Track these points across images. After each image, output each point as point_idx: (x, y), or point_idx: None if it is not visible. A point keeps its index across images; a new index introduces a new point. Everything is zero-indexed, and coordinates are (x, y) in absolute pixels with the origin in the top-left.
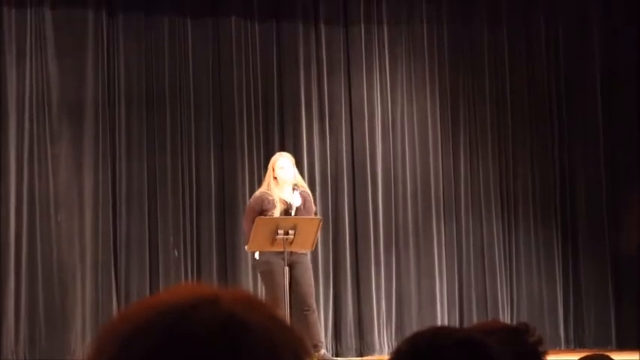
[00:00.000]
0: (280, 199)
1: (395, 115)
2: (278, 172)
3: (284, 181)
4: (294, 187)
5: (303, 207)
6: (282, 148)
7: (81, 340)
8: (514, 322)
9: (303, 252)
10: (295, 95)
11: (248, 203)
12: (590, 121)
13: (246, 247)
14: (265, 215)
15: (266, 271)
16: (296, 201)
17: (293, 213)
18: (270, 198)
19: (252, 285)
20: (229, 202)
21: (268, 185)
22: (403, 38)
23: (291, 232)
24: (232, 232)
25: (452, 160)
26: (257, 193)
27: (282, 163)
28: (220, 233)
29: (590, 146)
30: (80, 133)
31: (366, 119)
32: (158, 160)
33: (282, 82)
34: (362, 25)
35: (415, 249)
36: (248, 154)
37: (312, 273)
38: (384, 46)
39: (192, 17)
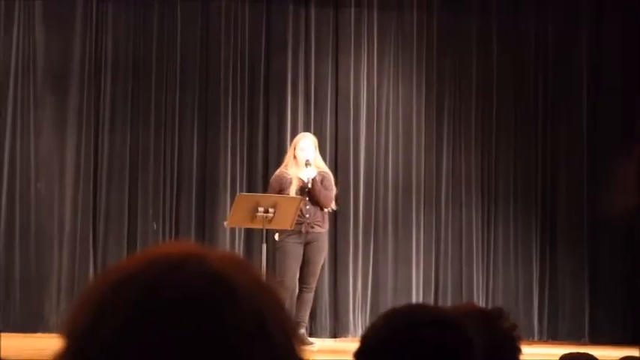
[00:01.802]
0: (297, 178)
1: (380, 102)
2: (298, 153)
3: (302, 161)
4: (307, 163)
5: (322, 184)
6: (266, 129)
7: (55, 309)
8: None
9: (322, 230)
10: (282, 76)
11: (270, 182)
12: (575, 118)
13: (225, 222)
14: (284, 194)
15: (280, 250)
16: (310, 174)
17: (309, 186)
18: (288, 177)
19: None
20: (210, 179)
21: (287, 164)
22: (392, 25)
23: (271, 210)
24: (212, 207)
25: (434, 149)
26: (277, 172)
27: (303, 145)
28: (200, 209)
29: (572, 142)
30: (64, 102)
31: (352, 104)
32: (141, 133)
33: (270, 62)
34: (352, 8)
35: (393, 235)
36: (232, 132)
37: (324, 254)
38: (372, 32)
39: None
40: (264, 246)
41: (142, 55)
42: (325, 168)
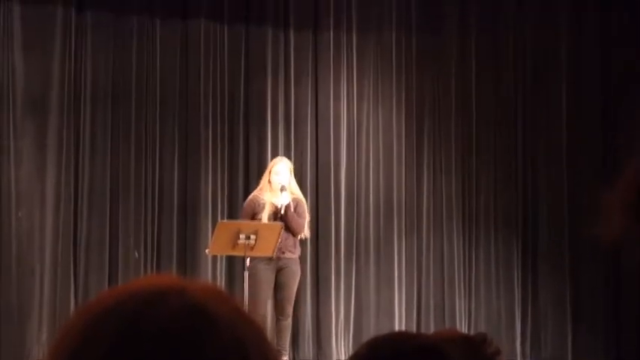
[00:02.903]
0: (270, 203)
1: (360, 125)
2: (273, 177)
3: (277, 186)
4: (282, 188)
5: (295, 210)
6: (246, 154)
7: (37, 339)
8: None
9: (293, 256)
10: (261, 100)
11: (243, 206)
12: (555, 137)
13: (207, 250)
14: (256, 219)
15: (251, 276)
16: (283, 200)
17: (282, 212)
18: (262, 201)
19: None
20: (191, 204)
21: (261, 188)
22: (371, 46)
23: (252, 237)
24: (193, 234)
25: (415, 171)
26: (251, 195)
27: (279, 169)
28: (181, 235)
29: (553, 163)
30: (44, 129)
31: (332, 127)
32: (122, 159)
33: (249, 86)
34: (331, 31)
35: (375, 259)
36: (212, 156)
37: (297, 280)
38: (352, 54)
39: (161, 18)
40: (247, 273)
41: (121, 81)
42: (299, 194)
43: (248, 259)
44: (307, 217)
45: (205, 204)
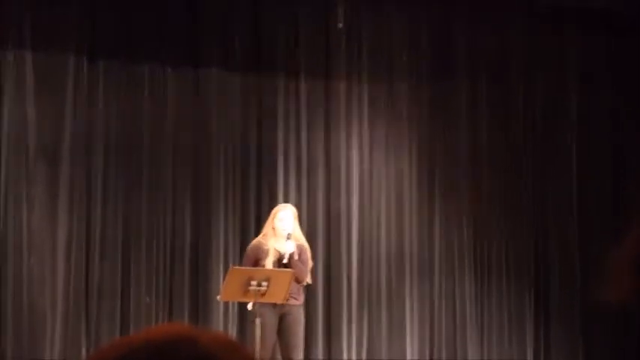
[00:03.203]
0: (274, 249)
1: (372, 174)
2: (276, 223)
3: (281, 232)
4: (288, 236)
5: (299, 258)
6: (258, 203)
7: None
8: None
9: (297, 303)
10: (273, 148)
11: (245, 251)
12: (565, 188)
13: (218, 296)
14: (259, 265)
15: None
16: (289, 248)
17: (286, 261)
18: (265, 247)
19: None
20: (203, 251)
21: (265, 235)
22: (383, 96)
23: (264, 283)
24: (205, 280)
25: (426, 220)
26: (254, 241)
27: (283, 215)
28: (193, 282)
29: (564, 215)
30: (56, 177)
31: (343, 175)
32: (134, 206)
33: (261, 135)
34: (343, 80)
35: (387, 309)
36: (224, 204)
37: (302, 326)
38: (363, 103)
39: (172, 67)
40: (258, 320)
41: (133, 129)
42: (303, 241)
43: (250, 303)
44: (311, 264)
45: (217, 251)
